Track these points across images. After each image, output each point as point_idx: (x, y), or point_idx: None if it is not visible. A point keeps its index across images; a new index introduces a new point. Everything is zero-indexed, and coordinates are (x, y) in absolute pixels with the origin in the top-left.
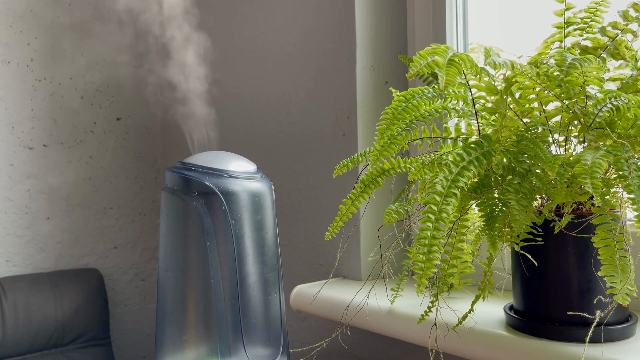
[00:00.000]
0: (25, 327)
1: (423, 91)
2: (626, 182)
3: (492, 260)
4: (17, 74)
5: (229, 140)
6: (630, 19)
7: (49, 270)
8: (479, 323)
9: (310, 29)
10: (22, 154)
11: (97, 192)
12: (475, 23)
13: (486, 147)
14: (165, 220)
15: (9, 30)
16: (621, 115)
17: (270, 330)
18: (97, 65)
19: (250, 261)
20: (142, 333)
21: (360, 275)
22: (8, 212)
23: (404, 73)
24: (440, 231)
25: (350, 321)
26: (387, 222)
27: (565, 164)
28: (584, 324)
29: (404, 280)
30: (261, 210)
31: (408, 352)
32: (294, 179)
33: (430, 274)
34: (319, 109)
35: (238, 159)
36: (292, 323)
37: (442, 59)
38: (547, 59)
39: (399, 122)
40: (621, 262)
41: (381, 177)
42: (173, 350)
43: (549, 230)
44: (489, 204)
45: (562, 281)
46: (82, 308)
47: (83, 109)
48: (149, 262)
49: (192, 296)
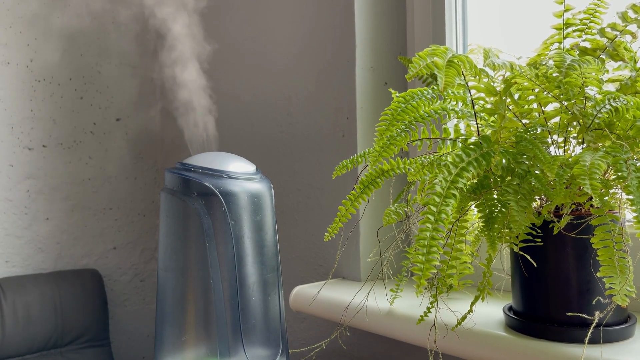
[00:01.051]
0: (25, 328)
1: (422, 92)
2: (625, 183)
3: (491, 261)
4: (17, 75)
5: (228, 141)
6: (629, 20)
7: (49, 271)
8: (478, 324)
9: (310, 29)
10: (22, 155)
11: (97, 193)
12: (475, 24)
13: (485, 148)
14: (165, 221)
15: (9, 30)
16: (620, 116)
17: (270, 331)
18: (97, 66)
19: (250, 262)
20: (141, 334)
21: (359, 276)
22: (7, 212)
23: (403, 74)
24: (439, 232)
25: (349, 322)
26: (387, 223)
27: (564, 165)
28: (583, 325)
29: (403, 281)
30: (261, 211)
31: (407, 353)
32: (294, 180)
33: (430, 275)
34: (318, 109)
35: (237, 159)
36: (291, 324)
37: (441, 60)
38: (546, 60)
39: (398, 123)
40: (620, 263)
41: (380, 178)
42: (172, 351)
43: (548, 231)
44: (488, 204)
45: (561, 282)
46: (81, 309)
47: (82, 109)
48: (149, 262)
49: (192, 297)
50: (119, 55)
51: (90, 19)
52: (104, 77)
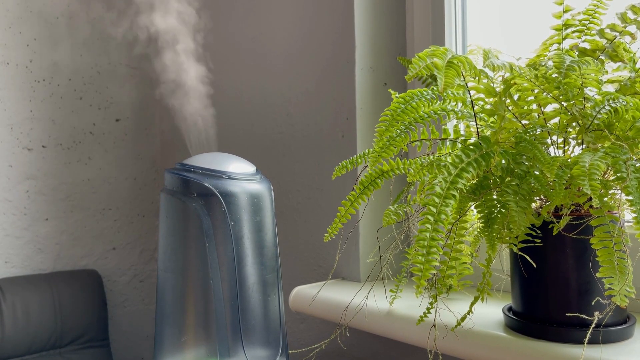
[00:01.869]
0: (24, 329)
1: (422, 93)
2: (624, 183)
3: (491, 261)
4: (16, 75)
5: (228, 142)
6: (628, 21)
7: (48, 272)
8: (477, 324)
9: (309, 30)
10: (21, 155)
11: (96, 193)
12: (474, 25)
13: (485, 148)
14: (165, 222)
15: (8, 31)
16: (619, 117)
17: (270, 332)
18: (96, 67)
19: (250, 262)
20: (140, 334)
21: (359, 276)
22: (7, 213)
23: (403, 74)
24: (439, 232)
25: (349, 322)
26: (386, 224)
27: (563, 165)
28: (583, 326)
29: (403, 281)
30: (260, 211)
31: (407, 353)
32: (293, 180)
33: (429, 275)
34: (318, 110)
35: (237, 160)
36: (291, 324)
37: (441, 61)
38: (545, 61)
39: (398, 123)
40: (619, 264)
41: (380, 178)
42: (172, 352)
43: (548, 232)
44: (488, 205)
45: (561, 282)
46: (80, 309)
47: (82, 110)
48: (148, 263)
49: (192, 297)
50: (118, 56)
51: (89, 20)
52: (104, 77)
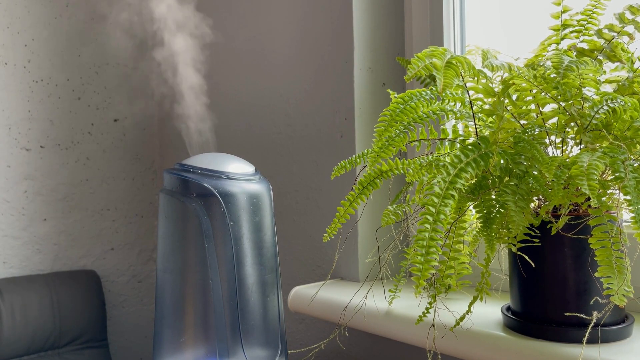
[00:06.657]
0: (22, 329)
1: (421, 93)
2: (622, 183)
3: (490, 261)
4: (14, 75)
5: (227, 142)
6: (626, 22)
7: (46, 272)
8: (476, 324)
9: (308, 30)
10: (19, 155)
11: (95, 194)
12: (473, 25)
13: (483, 148)
14: (164, 222)
15: (6, 31)
16: (617, 117)
17: (269, 332)
18: (94, 67)
19: (249, 263)
20: (139, 335)
21: (358, 276)
22: (5, 213)
23: (401, 75)
24: (438, 232)
25: (348, 322)
26: (385, 224)
27: (562, 165)
28: (581, 325)
29: (402, 281)
30: (259, 211)
31: (406, 353)
32: (292, 181)
33: (428, 275)
34: (316, 110)
35: (236, 160)
36: (290, 324)
37: (439, 62)
38: (544, 61)
39: (396, 124)
40: (618, 263)
41: (379, 178)
42: (171, 352)
43: (546, 232)
44: (487, 205)
45: (559, 282)
46: (79, 310)
47: (80, 110)
48: (147, 263)
49: (191, 298)
50: (116, 56)
51: (87, 20)
52: (102, 77)
